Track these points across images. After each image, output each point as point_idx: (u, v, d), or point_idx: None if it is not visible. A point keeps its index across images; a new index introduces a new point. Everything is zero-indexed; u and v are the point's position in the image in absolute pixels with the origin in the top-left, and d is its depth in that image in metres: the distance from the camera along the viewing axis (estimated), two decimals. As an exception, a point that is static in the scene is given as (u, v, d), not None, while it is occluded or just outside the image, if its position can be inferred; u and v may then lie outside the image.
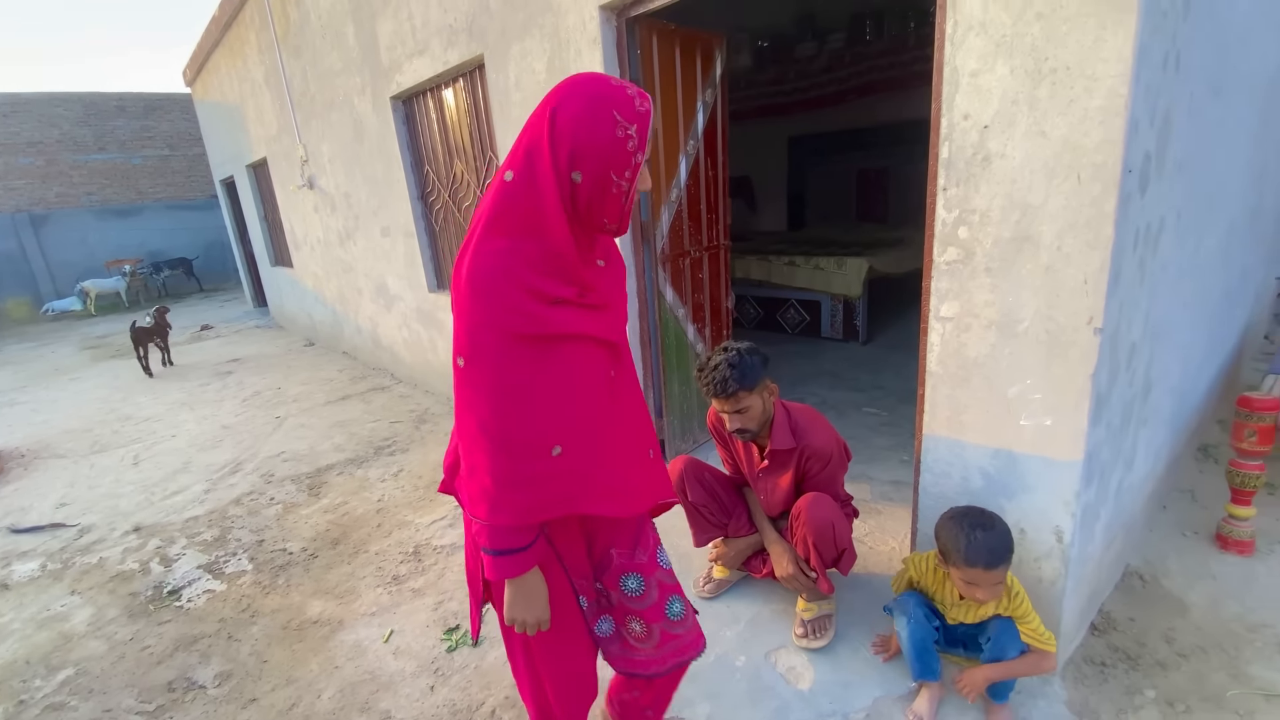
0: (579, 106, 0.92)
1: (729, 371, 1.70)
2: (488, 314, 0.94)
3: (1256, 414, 2.02)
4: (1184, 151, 1.67)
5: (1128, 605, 1.94)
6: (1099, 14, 1.31)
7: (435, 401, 4.51)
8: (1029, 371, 1.58)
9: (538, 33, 2.72)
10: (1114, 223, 1.38)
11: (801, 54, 6.39)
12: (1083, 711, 1.60)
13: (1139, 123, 1.36)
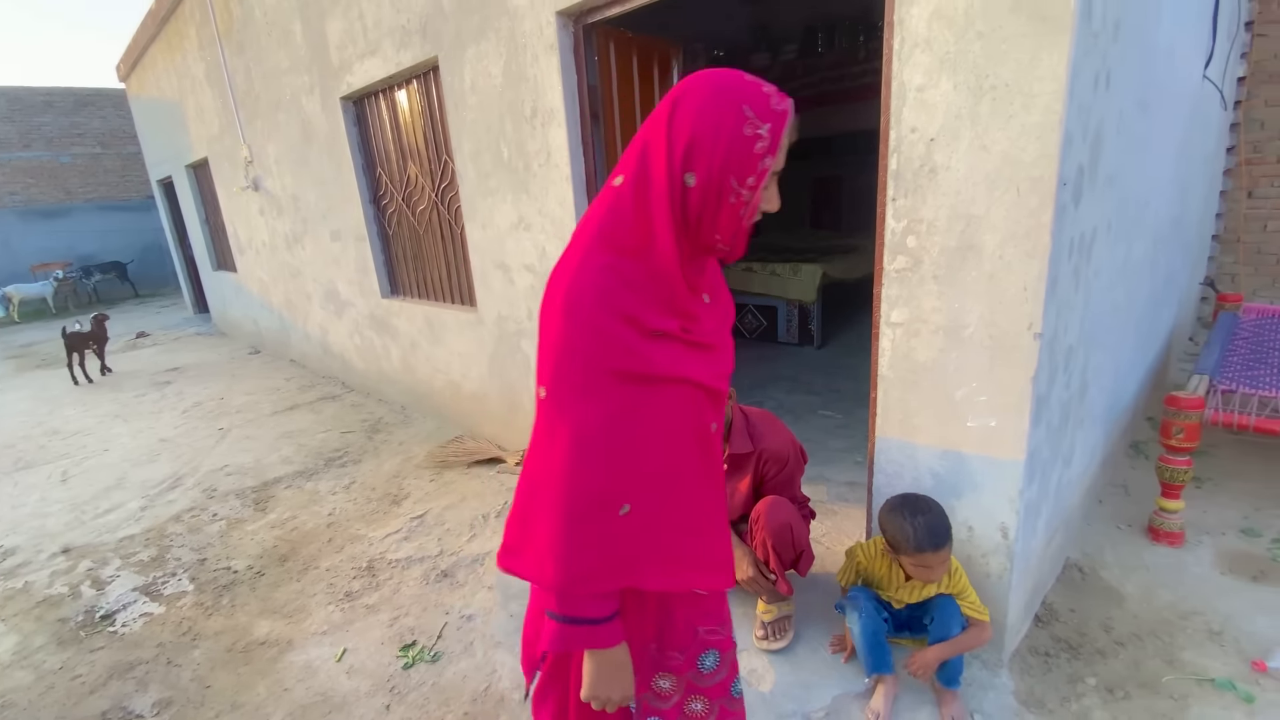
0: (703, 96, 0.79)
1: None
2: (579, 341, 0.80)
3: (1183, 412, 2.15)
4: (1114, 165, 1.77)
5: (1068, 596, 2.03)
6: (1035, 34, 1.38)
7: (389, 410, 4.40)
8: (974, 375, 1.64)
9: (493, 36, 2.69)
10: (1051, 233, 1.45)
11: (756, 64, 6.50)
12: (1029, 701, 1.67)
13: (1073, 138, 1.43)
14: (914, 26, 1.56)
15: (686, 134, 0.78)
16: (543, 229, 2.84)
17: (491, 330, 3.37)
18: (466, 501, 2.97)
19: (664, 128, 0.79)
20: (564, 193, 2.67)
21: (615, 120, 2.68)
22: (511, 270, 3.10)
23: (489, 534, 2.67)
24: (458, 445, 3.61)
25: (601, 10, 2.39)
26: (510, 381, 3.37)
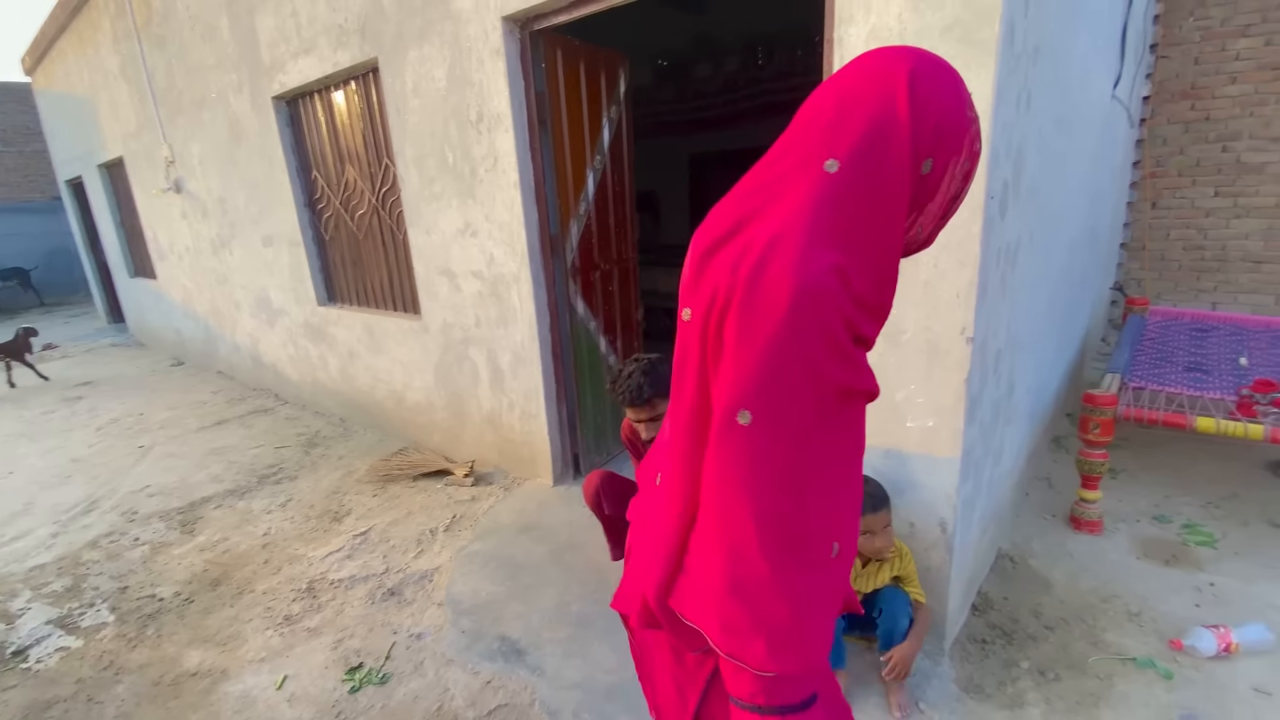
0: (939, 76, 0.69)
1: (643, 379, 1.73)
2: (809, 353, 0.66)
3: (1099, 408, 2.31)
4: (1035, 179, 1.89)
5: (1001, 585, 2.14)
6: (964, 57, 1.46)
7: (326, 423, 4.22)
8: (913, 377, 1.71)
9: (437, 39, 2.64)
10: (980, 243, 1.54)
11: (699, 74, 6.62)
12: (969, 687, 1.75)
13: (999, 155, 1.53)
14: (852, 45, 1.62)
15: (934, 117, 0.68)
16: (490, 235, 2.80)
17: (437, 338, 3.29)
18: (413, 516, 2.88)
19: (905, 108, 0.67)
20: (512, 199, 2.64)
21: (563, 127, 2.67)
22: (458, 277, 3.04)
23: (437, 549, 2.60)
24: (402, 458, 3.50)
25: (548, 17, 2.39)
26: (457, 390, 3.30)
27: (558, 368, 2.90)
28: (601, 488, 2.00)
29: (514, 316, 2.85)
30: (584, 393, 2.99)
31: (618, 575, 2.25)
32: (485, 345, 3.05)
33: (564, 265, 2.80)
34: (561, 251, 2.78)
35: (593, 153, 2.86)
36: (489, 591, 2.29)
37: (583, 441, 3.03)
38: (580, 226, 2.84)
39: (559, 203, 2.72)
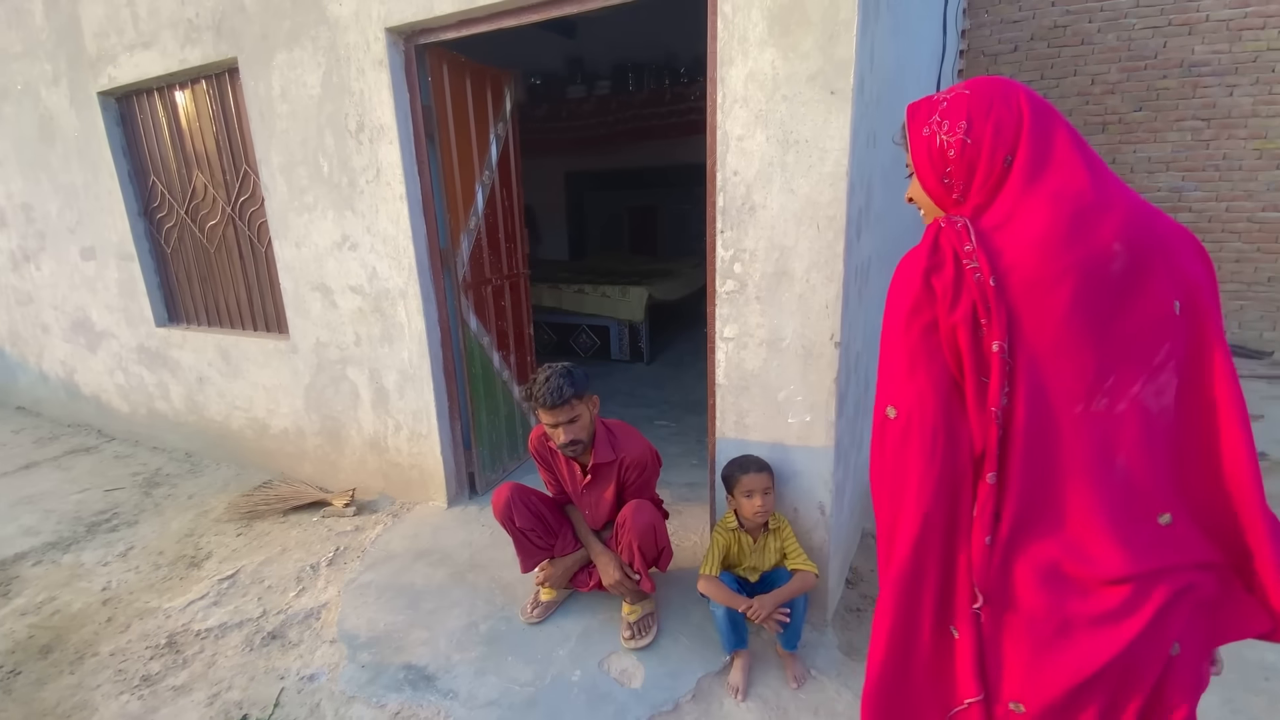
0: None
1: (562, 380, 1.80)
2: None
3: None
4: (881, 207, 2.22)
5: (868, 560, 2.45)
6: (826, 102, 1.71)
7: (168, 460, 3.74)
8: (792, 379, 1.94)
9: (310, 44, 2.52)
10: (843, 261, 1.79)
11: (573, 95, 6.78)
12: (849, 650, 1.99)
13: (855, 185, 1.80)
14: (733, 85, 1.83)
15: None
16: (372, 248, 2.70)
17: (308, 359, 3.07)
18: (289, 553, 2.66)
19: None
20: (398, 211, 2.57)
21: (451, 141, 2.65)
22: (334, 292, 2.88)
23: (322, 584, 2.43)
24: (268, 492, 3.20)
25: (434, 33, 2.38)
26: (333, 415, 3.10)
27: (450, 385, 2.84)
28: (512, 500, 2.01)
29: (400, 333, 2.76)
30: (479, 410, 2.95)
31: (526, 589, 2.26)
32: (366, 365, 2.91)
33: (455, 280, 2.76)
34: (452, 266, 2.74)
35: (481, 168, 2.86)
36: (388, 621, 2.19)
37: (478, 460, 2.98)
38: (471, 241, 2.83)
39: (449, 216, 2.69)
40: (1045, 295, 0.80)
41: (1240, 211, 5.13)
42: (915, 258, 0.87)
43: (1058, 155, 0.84)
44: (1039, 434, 0.82)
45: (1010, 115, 0.86)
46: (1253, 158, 5.01)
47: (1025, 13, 5.43)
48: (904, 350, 0.87)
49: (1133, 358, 0.81)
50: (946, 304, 0.83)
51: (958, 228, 0.86)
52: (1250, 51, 4.84)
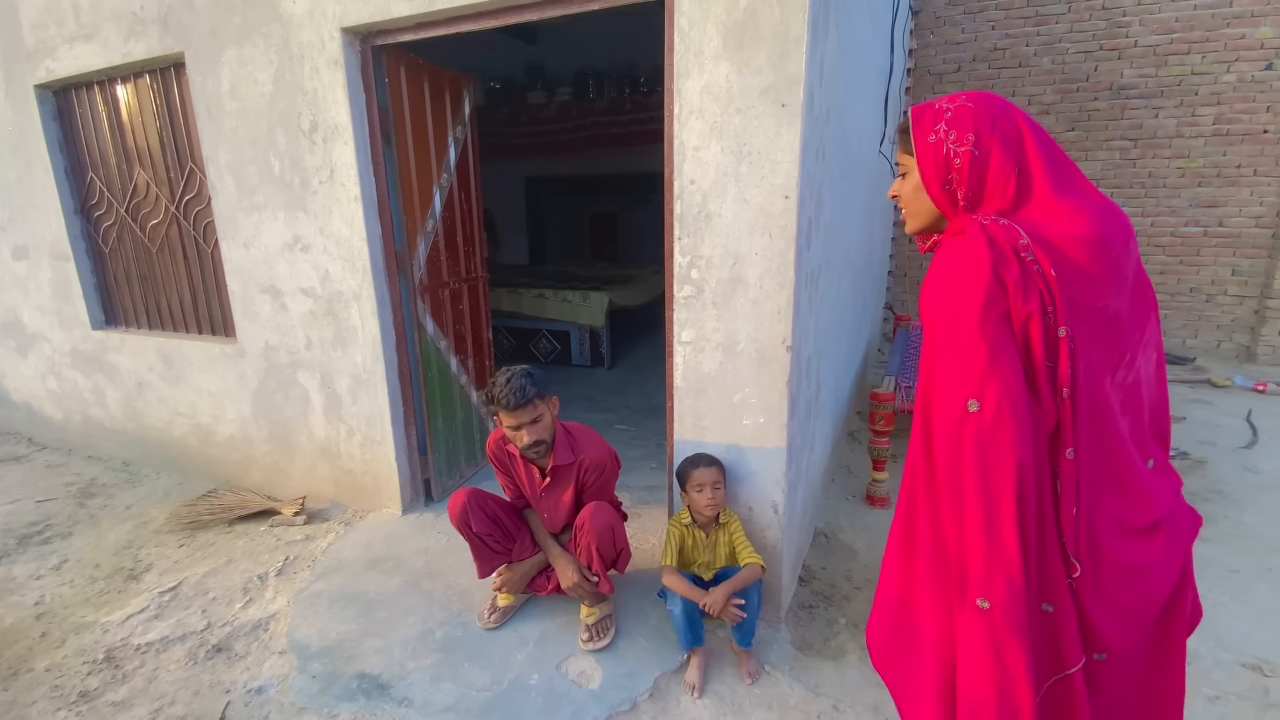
0: None
1: (524, 380, 1.81)
2: None
3: (881, 404, 2.83)
4: (829, 217, 2.30)
5: (819, 557, 2.52)
6: (777, 115, 1.78)
7: (104, 469, 3.57)
8: (746, 382, 1.99)
9: (262, 41, 2.47)
10: (794, 268, 1.86)
11: (534, 101, 6.78)
12: (802, 646, 2.05)
13: (805, 197, 1.86)
14: (689, 97, 1.88)
15: None
16: (325, 250, 2.65)
17: (256, 363, 2.99)
18: (234, 564, 2.58)
19: None
20: (352, 213, 2.54)
21: (408, 143, 2.63)
22: (284, 295, 2.81)
23: (270, 595, 2.37)
24: (212, 501, 3.09)
25: (392, 34, 2.37)
26: (283, 421, 3.02)
27: (405, 389, 2.80)
28: (469, 505, 2.00)
29: (354, 337, 2.71)
30: (434, 414, 2.92)
31: (483, 595, 2.25)
32: (318, 369, 2.85)
33: (411, 283, 2.73)
34: (408, 268, 2.71)
35: (439, 170, 2.85)
36: (340, 631, 2.14)
37: (434, 466, 2.95)
38: (428, 244, 2.80)
39: (405, 219, 2.66)
40: (1090, 286, 0.91)
41: (1164, 226, 5.49)
42: (975, 254, 0.90)
43: (1067, 166, 0.97)
44: (1094, 408, 0.93)
45: (1013, 130, 0.96)
46: (1176, 176, 5.37)
47: (968, 35, 5.70)
48: (983, 343, 0.89)
49: (1135, 334, 0.97)
50: (1020, 295, 0.89)
51: (1004, 226, 0.92)
52: (1175, 76, 5.19)
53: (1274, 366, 5.20)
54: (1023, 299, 0.89)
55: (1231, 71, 5.03)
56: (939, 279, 0.94)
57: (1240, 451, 3.52)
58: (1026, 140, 0.95)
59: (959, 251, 0.93)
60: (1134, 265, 0.96)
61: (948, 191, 0.99)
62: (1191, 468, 3.32)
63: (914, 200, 1.07)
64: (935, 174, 0.99)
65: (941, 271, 0.94)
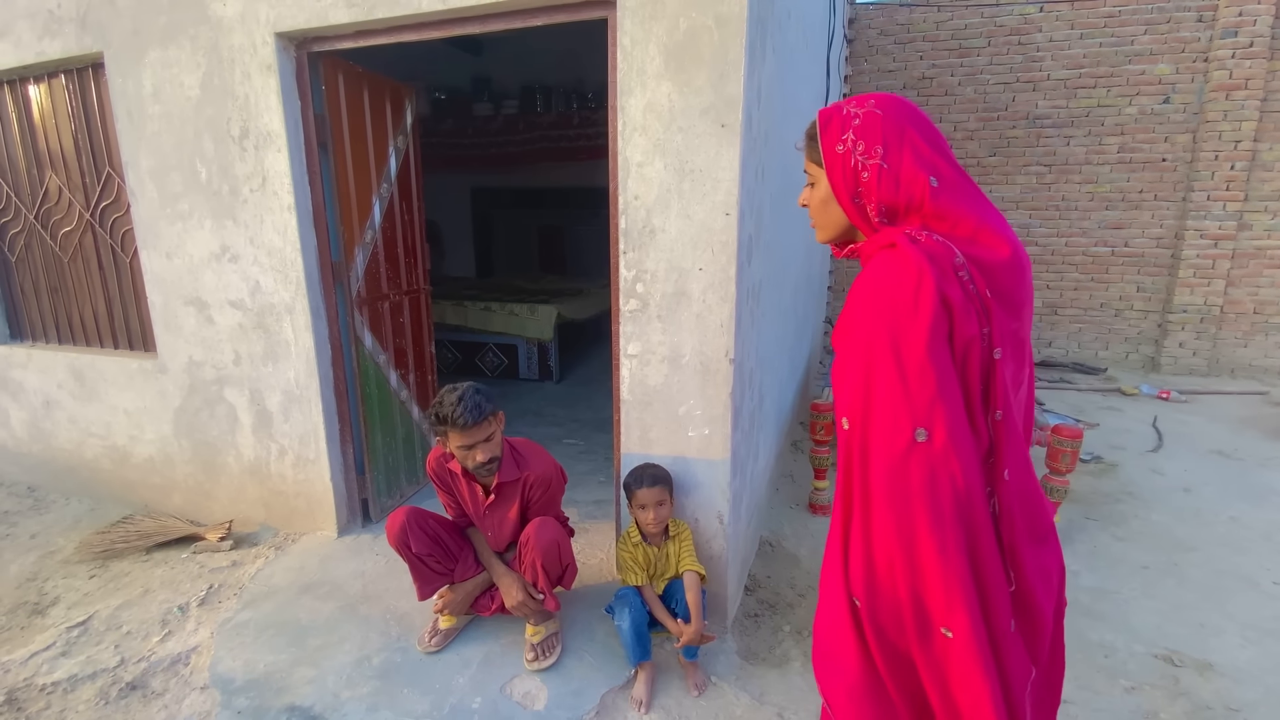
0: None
1: (478, 398, 1.77)
2: None
3: (822, 415, 2.92)
4: (770, 234, 2.37)
5: (764, 566, 2.56)
6: (718, 135, 1.83)
7: (6, 495, 3.29)
8: (691, 394, 2.02)
9: (189, 44, 2.36)
10: (736, 283, 1.90)
11: (480, 113, 6.72)
12: (748, 655, 2.07)
13: (745, 214, 1.92)
14: (633, 114, 1.91)
15: None
16: (256, 260, 2.54)
17: (179, 380, 2.82)
18: (152, 594, 2.41)
19: None
20: (285, 222, 2.45)
21: (346, 152, 2.56)
22: (211, 307, 2.67)
23: (192, 627, 2.22)
24: (128, 527, 2.88)
25: (329, 42, 2.31)
26: (208, 440, 2.85)
27: (342, 406, 2.70)
28: (409, 524, 1.94)
29: (287, 351, 2.60)
30: (373, 432, 2.82)
31: (424, 618, 2.18)
32: (247, 385, 2.71)
33: (348, 295, 2.65)
34: (345, 280, 2.63)
35: (379, 180, 2.78)
36: (269, 662, 2.03)
37: (373, 485, 2.84)
38: (367, 255, 2.73)
39: (342, 229, 2.58)
40: (1010, 309, 0.93)
41: (1077, 246, 5.91)
42: (917, 272, 0.86)
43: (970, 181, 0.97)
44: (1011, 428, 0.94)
45: (924, 138, 0.93)
46: (1086, 200, 5.79)
47: (898, 64, 6.01)
48: (931, 369, 0.85)
49: (1025, 353, 0.99)
50: (963, 318, 0.87)
51: (939, 243, 0.90)
52: (1084, 107, 5.62)
53: (1175, 376, 5.65)
54: (965, 321, 0.87)
55: (1133, 104, 5.49)
56: (877, 296, 0.89)
57: (1148, 455, 3.80)
58: (943, 146, 0.94)
59: (897, 268, 0.88)
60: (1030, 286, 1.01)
61: (857, 205, 0.96)
62: (1105, 471, 3.55)
63: (823, 212, 1.04)
64: (844, 186, 0.96)
65: (880, 288, 0.89)
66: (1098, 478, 3.46)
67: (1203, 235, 5.45)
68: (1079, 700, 1.88)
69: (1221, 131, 5.24)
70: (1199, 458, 3.74)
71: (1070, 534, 2.82)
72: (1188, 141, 5.42)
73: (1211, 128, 5.27)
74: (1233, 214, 5.36)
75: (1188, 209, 5.47)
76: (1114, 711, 1.85)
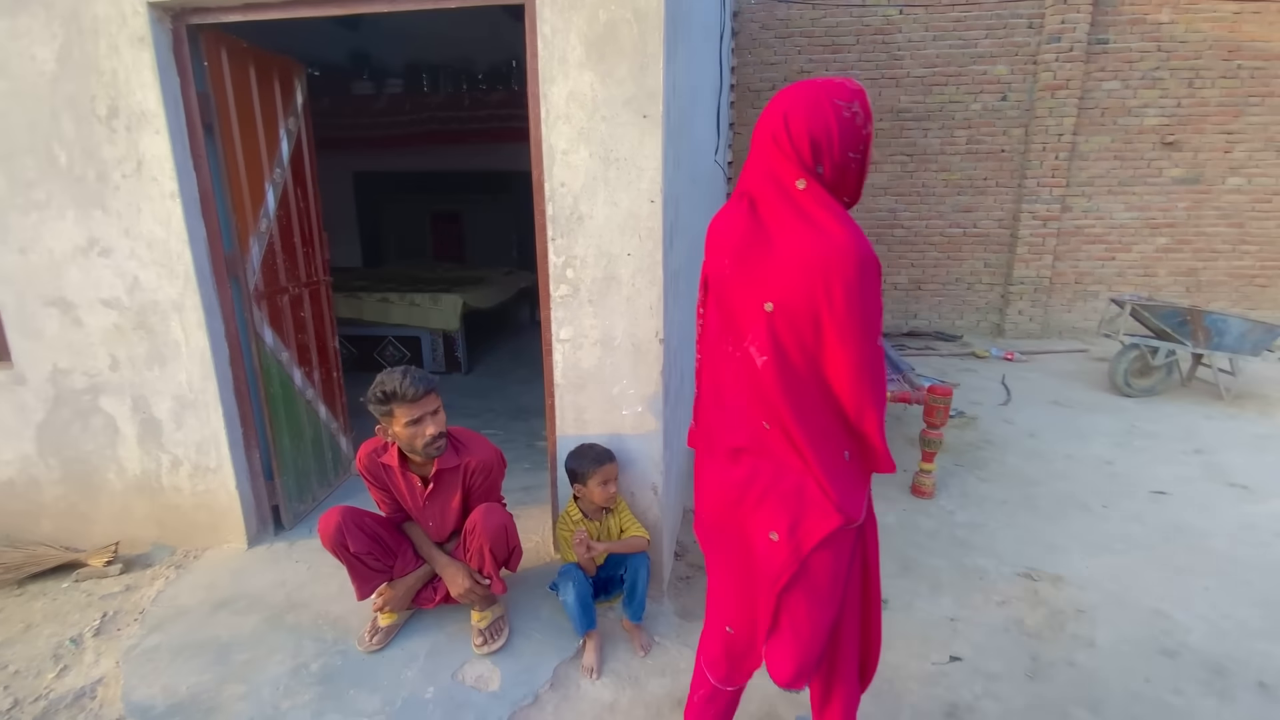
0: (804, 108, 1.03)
1: (419, 371, 1.81)
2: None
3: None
4: (685, 220, 2.50)
5: (689, 532, 2.73)
6: (640, 125, 1.91)
7: None
8: (624, 374, 2.12)
9: (42, 11, 2.07)
10: (662, 266, 2.01)
11: (360, 91, 6.33)
12: (684, 613, 2.22)
13: (668, 201, 2.02)
14: (556, 102, 1.94)
15: (806, 135, 1.03)
16: (133, 254, 2.30)
17: (42, 391, 2.50)
18: (35, 629, 2.15)
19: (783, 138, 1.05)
20: (167, 210, 2.24)
21: (234, 134, 2.37)
22: (78, 308, 2.39)
23: (91, 659, 2.02)
24: (-17, 562, 2.53)
25: (211, 14, 2.13)
26: (81, 457, 2.55)
27: (244, 408, 2.53)
28: (344, 523, 1.88)
29: (176, 352, 2.39)
30: (280, 435, 2.66)
31: (360, 620, 2.13)
32: (129, 392, 2.46)
33: (245, 289, 2.47)
34: (241, 273, 2.45)
35: (272, 165, 2.60)
36: (191, 684, 1.90)
37: (283, 491, 2.68)
38: (263, 245, 2.55)
39: (235, 218, 2.40)
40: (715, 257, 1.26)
41: (935, 228, 6.62)
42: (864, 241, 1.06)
43: None
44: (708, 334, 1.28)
45: None
46: (941, 186, 6.49)
47: (779, 57, 6.38)
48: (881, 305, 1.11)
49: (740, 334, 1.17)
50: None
51: None
52: (938, 103, 6.27)
53: (1017, 340, 6.53)
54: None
55: (978, 101, 6.22)
56: None
57: (1000, 408, 4.41)
58: None
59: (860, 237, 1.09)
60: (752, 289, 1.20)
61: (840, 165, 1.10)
62: (967, 424, 4.08)
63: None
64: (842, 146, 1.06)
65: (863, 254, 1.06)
66: (962, 430, 3.97)
67: (1034, 216, 6.32)
68: (964, 617, 2.21)
69: (1048, 126, 6.08)
70: (1039, 408, 4.40)
71: (945, 480, 3.24)
72: (1021, 135, 6.23)
73: (1040, 123, 6.09)
74: (1057, 198, 6.25)
75: (1022, 194, 6.31)
76: (991, 623, 2.19)
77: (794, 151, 1.04)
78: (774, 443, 1.16)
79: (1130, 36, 5.88)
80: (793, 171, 1.05)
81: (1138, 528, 2.79)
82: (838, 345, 1.06)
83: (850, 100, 1.04)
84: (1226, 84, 5.87)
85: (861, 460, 1.18)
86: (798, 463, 1.14)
